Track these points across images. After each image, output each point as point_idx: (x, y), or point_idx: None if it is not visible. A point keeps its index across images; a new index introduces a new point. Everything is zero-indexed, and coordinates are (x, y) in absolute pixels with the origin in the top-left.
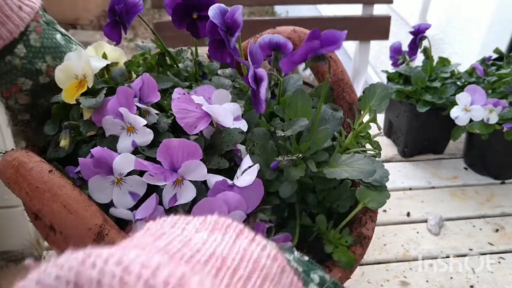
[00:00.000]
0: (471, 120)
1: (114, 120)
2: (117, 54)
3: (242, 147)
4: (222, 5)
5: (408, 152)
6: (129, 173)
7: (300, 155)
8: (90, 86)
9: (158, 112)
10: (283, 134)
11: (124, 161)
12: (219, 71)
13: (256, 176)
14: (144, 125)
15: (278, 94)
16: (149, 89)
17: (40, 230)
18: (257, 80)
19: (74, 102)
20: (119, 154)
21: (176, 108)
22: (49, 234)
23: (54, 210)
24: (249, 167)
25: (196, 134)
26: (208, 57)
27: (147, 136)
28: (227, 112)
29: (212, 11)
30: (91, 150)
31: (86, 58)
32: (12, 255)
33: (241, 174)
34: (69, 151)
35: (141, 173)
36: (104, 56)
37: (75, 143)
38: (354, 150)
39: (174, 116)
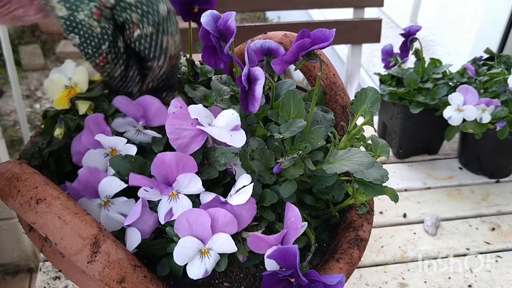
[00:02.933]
0: (464, 120)
1: (95, 151)
2: None
3: (236, 167)
4: (215, 11)
5: (403, 153)
6: (116, 195)
7: (300, 152)
8: (84, 91)
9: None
10: (281, 136)
11: (110, 184)
12: (213, 77)
13: (256, 180)
14: (131, 142)
15: (271, 99)
16: (156, 114)
17: (35, 242)
18: (250, 79)
19: (67, 107)
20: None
21: (169, 128)
22: (44, 245)
23: (48, 222)
24: (244, 186)
25: None
26: (201, 64)
27: (131, 152)
28: (222, 131)
29: (205, 18)
30: (78, 172)
31: (80, 66)
32: (9, 268)
33: (235, 192)
34: (62, 144)
35: (123, 193)
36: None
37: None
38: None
39: None
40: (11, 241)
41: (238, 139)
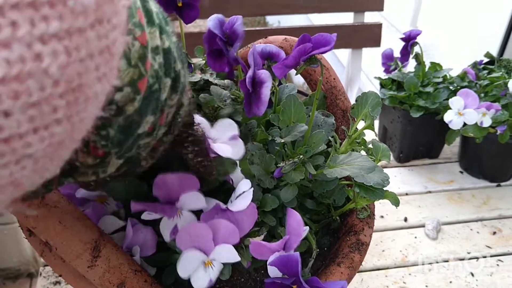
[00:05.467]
0: (465, 124)
1: None
2: None
3: (234, 176)
4: (220, 15)
5: (404, 157)
6: None
7: (301, 156)
8: None
9: None
10: (282, 141)
11: (108, 222)
12: (217, 81)
13: (256, 185)
14: None
15: (274, 103)
16: None
17: (35, 247)
18: (256, 82)
19: None
20: None
21: None
22: (45, 250)
23: (49, 226)
24: (244, 192)
25: None
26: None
27: None
28: (224, 147)
29: (212, 22)
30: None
31: None
32: (9, 272)
33: (236, 198)
34: None
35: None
36: None
37: None
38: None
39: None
40: (11, 245)
41: (237, 151)
